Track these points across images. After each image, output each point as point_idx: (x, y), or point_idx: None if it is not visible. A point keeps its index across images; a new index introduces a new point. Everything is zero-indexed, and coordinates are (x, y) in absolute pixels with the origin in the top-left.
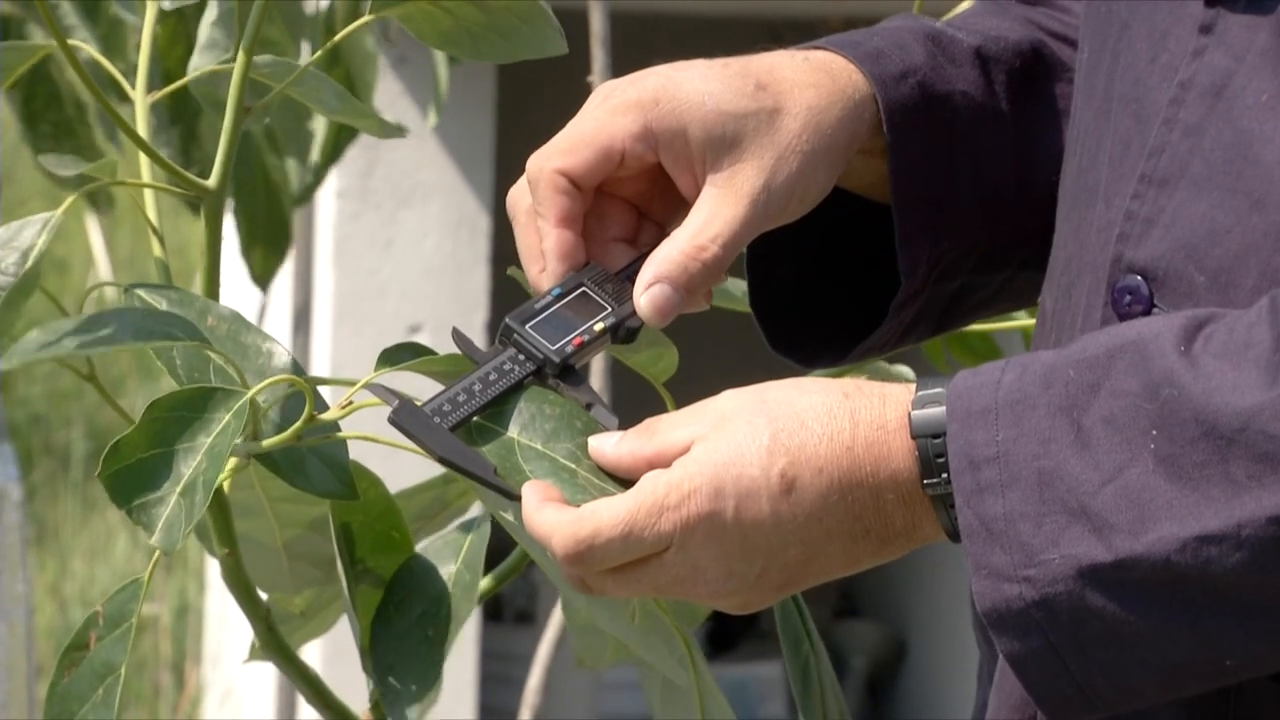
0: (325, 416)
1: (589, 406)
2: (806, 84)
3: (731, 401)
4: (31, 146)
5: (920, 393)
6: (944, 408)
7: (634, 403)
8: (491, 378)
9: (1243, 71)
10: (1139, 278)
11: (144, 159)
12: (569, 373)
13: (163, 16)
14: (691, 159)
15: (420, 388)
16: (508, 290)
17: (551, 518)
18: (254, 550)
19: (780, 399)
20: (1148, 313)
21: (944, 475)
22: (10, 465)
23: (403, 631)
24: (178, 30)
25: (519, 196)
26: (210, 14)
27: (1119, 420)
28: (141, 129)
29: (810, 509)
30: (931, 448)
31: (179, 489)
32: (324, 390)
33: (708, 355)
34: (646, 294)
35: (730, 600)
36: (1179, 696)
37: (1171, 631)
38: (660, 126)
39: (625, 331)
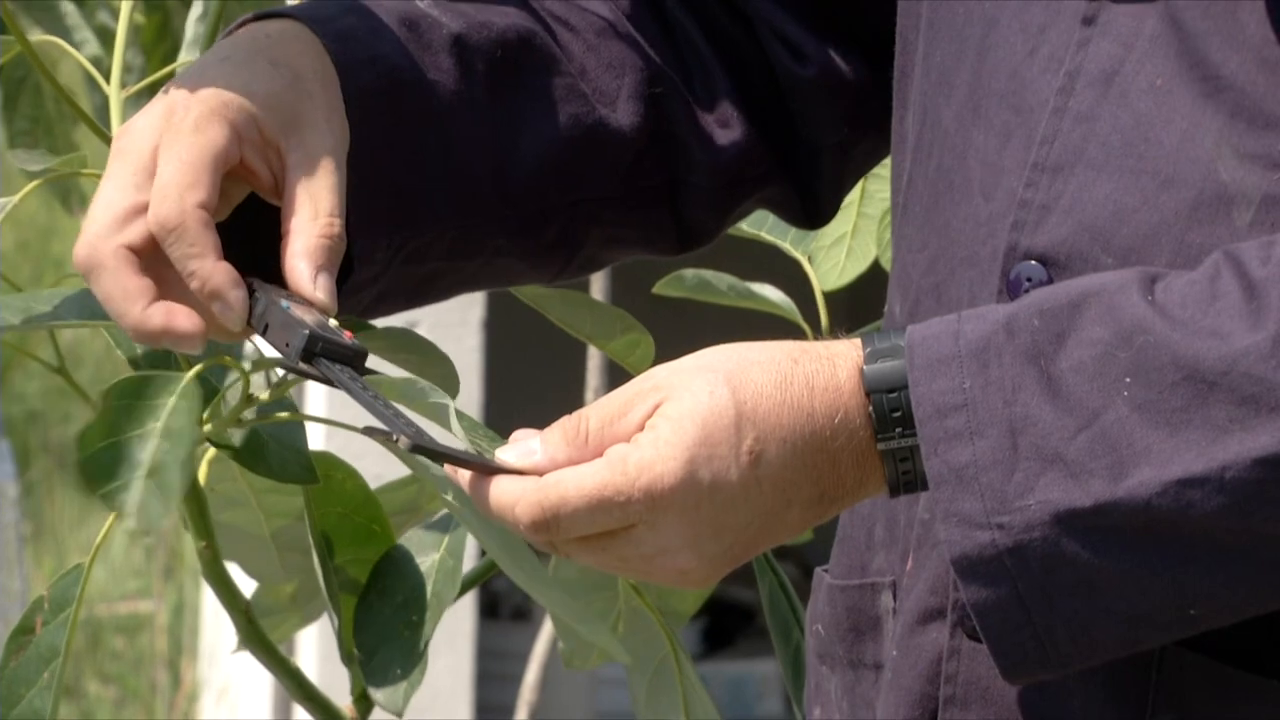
0: (263, 398)
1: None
2: (298, 53)
3: (672, 375)
4: (6, 138)
5: (870, 349)
6: (900, 360)
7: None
8: (366, 391)
9: (1133, 58)
10: (1035, 263)
11: None
12: (369, 369)
13: (146, 14)
14: (266, 147)
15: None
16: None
17: (512, 487)
18: (244, 541)
19: (733, 368)
20: None
21: (898, 430)
22: (7, 462)
23: (386, 617)
24: (163, 28)
25: (97, 242)
26: (195, 10)
27: (1089, 368)
28: (117, 124)
29: (775, 480)
30: (887, 403)
31: (143, 473)
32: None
33: (686, 347)
34: (319, 288)
35: (693, 577)
36: (1134, 650)
37: (1142, 578)
38: (241, 126)
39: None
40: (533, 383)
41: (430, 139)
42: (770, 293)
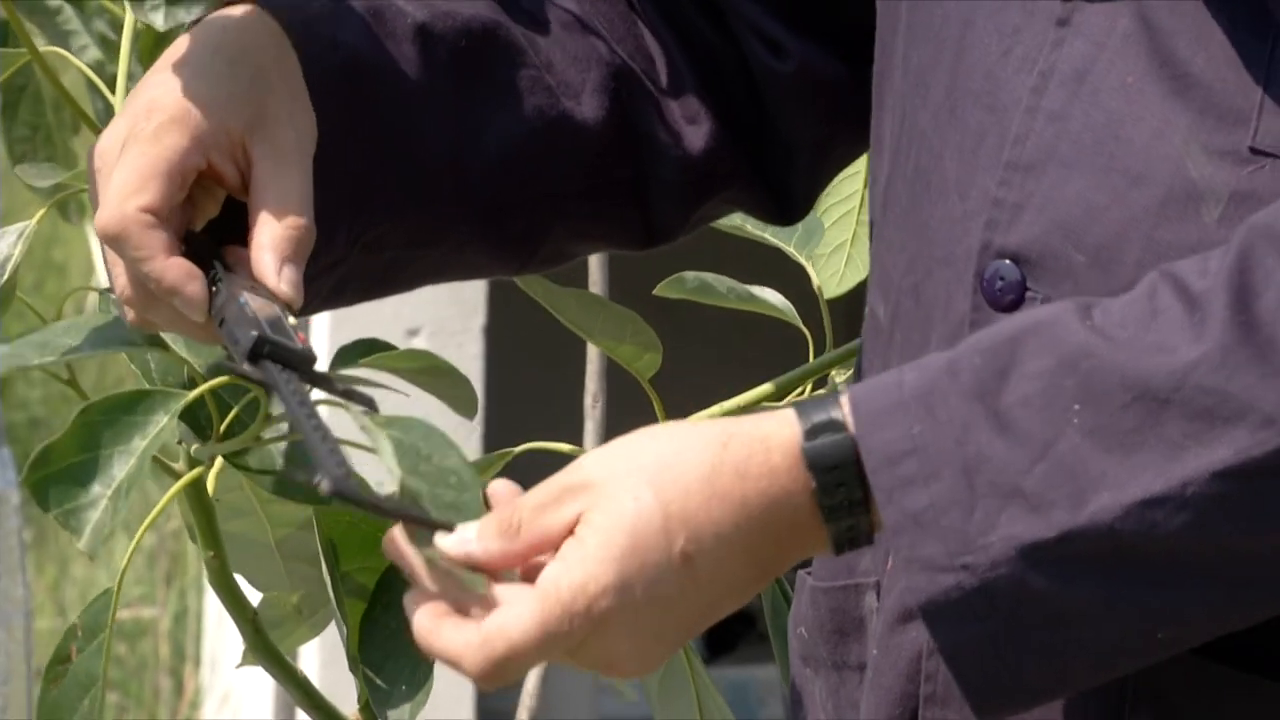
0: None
1: (347, 393)
2: (254, 46)
3: (600, 469)
4: (7, 148)
5: (808, 424)
6: (841, 435)
7: (627, 403)
8: (299, 397)
9: (1105, 57)
10: (1008, 262)
11: None
12: (317, 373)
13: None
14: (234, 148)
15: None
16: (506, 294)
17: (456, 639)
18: (249, 549)
19: (657, 463)
20: (1020, 297)
21: (845, 503)
22: (9, 469)
23: (392, 632)
24: (162, 38)
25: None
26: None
27: (1036, 400)
28: None
29: (713, 574)
30: (832, 480)
31: (109, 492)
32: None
33: (693, 351)
34: (284, 280)
35: (635, 674)
36: (1105, 680)
37: (1111, 605)
38: (206, 133)
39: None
40: (533, 389)
41: (390, 127)
42: (771, 296)
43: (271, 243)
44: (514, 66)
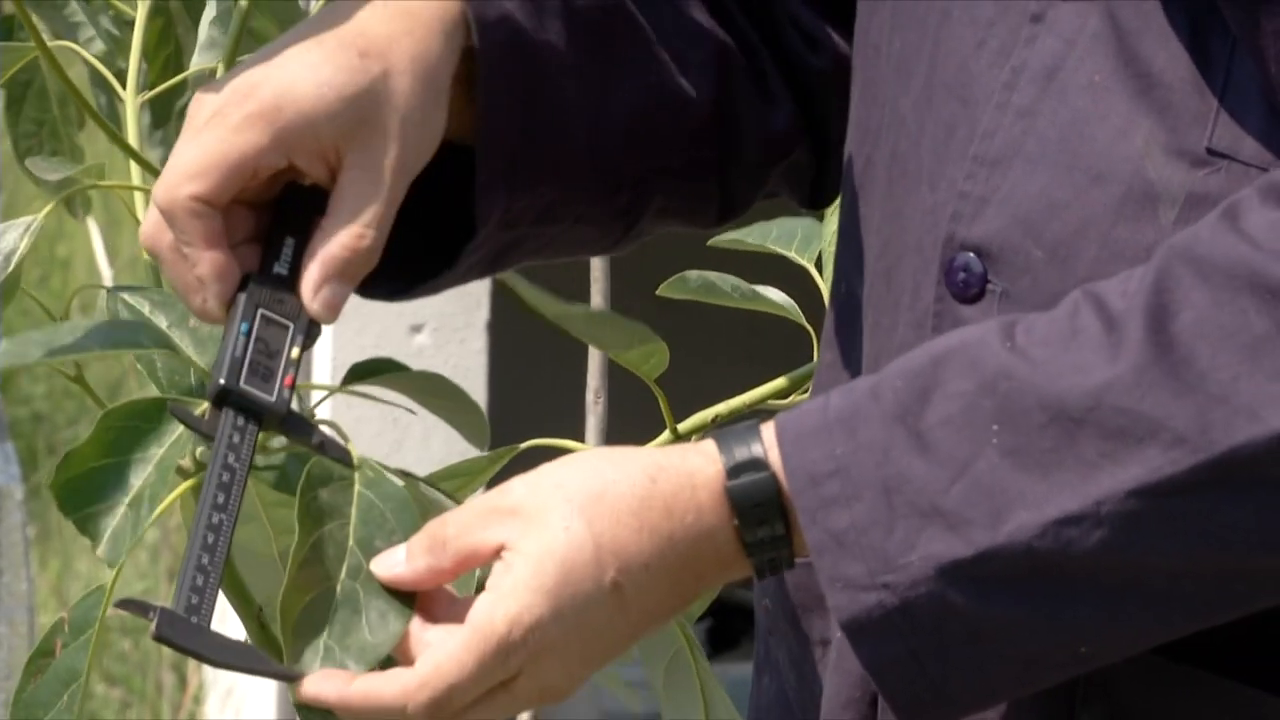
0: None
1: (320, 446)
2: (401, 33)
3: (530, 496)
4: (12, 142)
5: (731, 461)
6: (765, 473)
7: (630, 399)
8: (225, 477)
9: (1074, 55)
10: (972, 255)
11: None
12: (290, 418)
13: (152, 17)
14: (324, 151)
15: (382, 406)
16: (509, 291)
17: (391, 687)
18: (250, 560)
19: (588, 494)
20: (982, 290)
21: (766, 540)
22: (12, 464)
23: None
24: (165, 32)
25: (157, 232)
26: (209, 12)
27: (956, 420)
28: (133, 129)
29: (641, 605)
30: (753, 516)
31: (128, 500)
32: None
33: (699, 350)
34: (319, 298)
35: (567, 693)
36: (1031, 691)
37: (1030, 623)
38: (290, 134)
39: (311, 339)
40: (536, 384)
41: (542, 101)
42: (775, 295)
43: (324, 256)
44: (637, 40)
